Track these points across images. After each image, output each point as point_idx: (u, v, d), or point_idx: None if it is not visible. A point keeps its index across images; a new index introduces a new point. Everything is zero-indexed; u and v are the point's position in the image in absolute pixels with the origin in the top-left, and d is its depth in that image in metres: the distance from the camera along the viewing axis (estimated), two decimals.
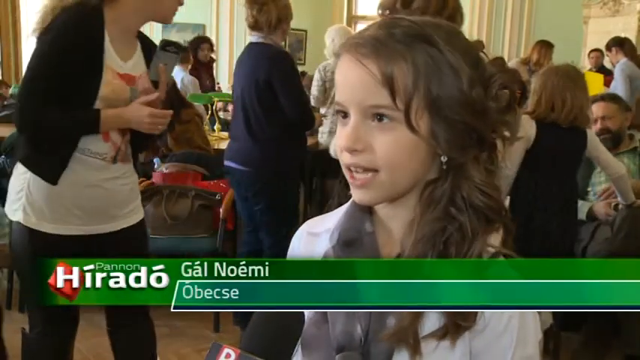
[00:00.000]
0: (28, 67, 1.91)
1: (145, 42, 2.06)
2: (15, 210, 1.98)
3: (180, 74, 5.61)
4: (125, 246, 2.04)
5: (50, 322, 2.03)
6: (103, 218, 2.01)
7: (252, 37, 3.11)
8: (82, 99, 1.91)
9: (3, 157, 3.54)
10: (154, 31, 7.53)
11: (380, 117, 0.83)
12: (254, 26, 3.05)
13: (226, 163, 3.19)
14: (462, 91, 0.83)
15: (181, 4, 2.01)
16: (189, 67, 6.00)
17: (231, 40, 9.69)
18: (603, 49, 7.68)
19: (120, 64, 1.95)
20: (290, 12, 3.13)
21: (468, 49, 0.86)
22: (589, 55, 8.02)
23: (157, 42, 2.04)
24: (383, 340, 0.84)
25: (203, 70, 6.62)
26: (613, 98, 3.49)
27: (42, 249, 1.93)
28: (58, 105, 1.88)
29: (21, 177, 1.97)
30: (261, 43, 3.05)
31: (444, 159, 0.85)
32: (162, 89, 1.94)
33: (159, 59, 1.92)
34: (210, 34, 9.33)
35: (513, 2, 10.40)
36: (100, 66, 1.90)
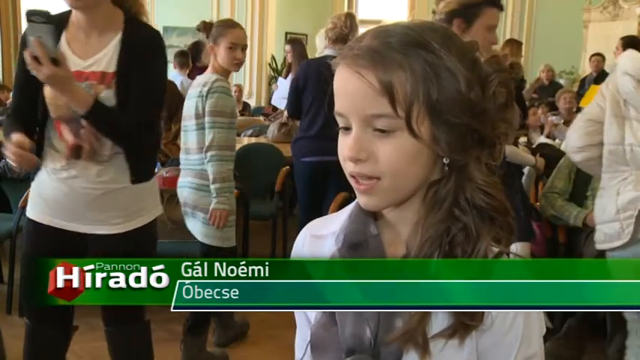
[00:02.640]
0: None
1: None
2: None
3: (179, 78, 5.61)
4: (99, 253, 1.96)
5: (36, 317, 2.06)
6: (69, 216, 1.99)
7: (332, 51, 3.52)
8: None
9: (3, 161, 3.53)
10: None
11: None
12: (342, 39, 3.46)
13: (309, 159, 3.55)
14: (460, 93, 0.83)
15: None
16: (188, 71, 5.99)
17: None
18: (604, 54, 7.69)
19: (77, 63, 1.93)
20: None
21: (464, 51, 0.86)
22: (590, 59, 8.03)
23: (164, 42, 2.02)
24: (392, 341, 0.85)
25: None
26: None
27: (34, 237, 2.03)
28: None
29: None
30: None
31: (446, 160, 0.86)
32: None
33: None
34: None
35: (513, 7, 10.43)
36: None
